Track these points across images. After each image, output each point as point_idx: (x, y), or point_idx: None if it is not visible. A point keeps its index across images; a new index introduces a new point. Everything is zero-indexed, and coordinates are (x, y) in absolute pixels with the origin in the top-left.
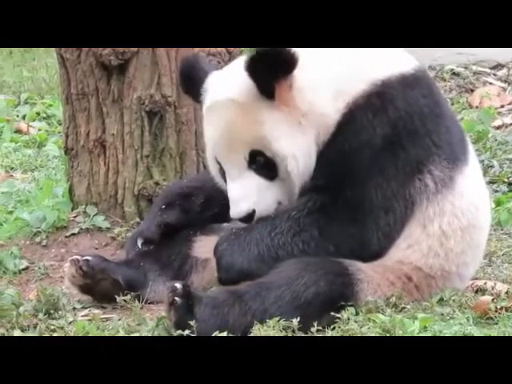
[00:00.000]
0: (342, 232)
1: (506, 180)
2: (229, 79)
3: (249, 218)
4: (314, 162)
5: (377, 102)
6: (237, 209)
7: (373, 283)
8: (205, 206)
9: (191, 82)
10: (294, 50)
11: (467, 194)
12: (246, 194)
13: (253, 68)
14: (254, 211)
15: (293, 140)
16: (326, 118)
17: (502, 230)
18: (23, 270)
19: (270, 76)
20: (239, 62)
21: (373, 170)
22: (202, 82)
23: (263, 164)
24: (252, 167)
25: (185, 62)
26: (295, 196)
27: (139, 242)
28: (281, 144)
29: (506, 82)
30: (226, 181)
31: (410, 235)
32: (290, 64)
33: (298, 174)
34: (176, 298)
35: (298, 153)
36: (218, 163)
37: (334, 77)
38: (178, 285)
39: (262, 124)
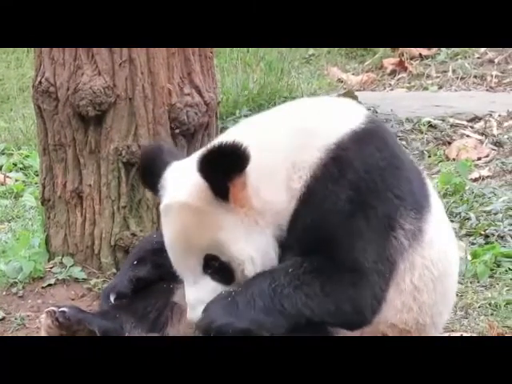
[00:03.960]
0: (342, 293)
1: (482, 232)
2: (183, 178)
3: None
4: (274, 256)
5: (334, 170)
6: (193, 314)
7: None
8: None
9: (150, 177)
10: (244, 144)
11: (435, 243)
12: (202, 300)
13: (206, 169)
14: None
15: (250, 243)
16: (283, 204)
17: (478, 282)
18: None
19: (224, 176)
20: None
21: (351, 235)
22: (161, 176)
23: (218, 268)
24: (207, 272)
25: (145, 153)
26: None
27: (112, 298)
28: (237, 249)
29: (482, 134)
30: None
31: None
32: (243, 160)
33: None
34: None
35: (256, 255)
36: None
37: (285, 156)
38: None
39: (218, 228)
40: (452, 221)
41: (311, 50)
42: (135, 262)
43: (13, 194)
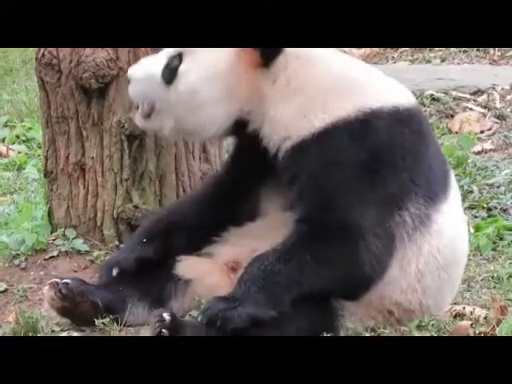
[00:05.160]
0: (334, 256)
1: (485, 205)
2: None
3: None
4: (220, 126)
5: (356, 128)
6: (132, 69)
7: (356, 317)
8: (186, 243)
9: None
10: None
11: (446, 233)
12: (144, 66)
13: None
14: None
15: (208, 81)
16: (287, 121)
17: (480, 255)
18: (2, 292)
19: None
20: None
21: (352, 196)
22: None
23: (175, 67)
24: (168, 61)
25: None
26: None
27: (114, 272)
28: (196, 71)
29: (485, 107)
30: None
31: (390, 272)
32: (268, 55)
33: (184, 101)
34: (163, 330)
35: (201, 92)
36: None
37: (320, 92)
38: (166, 315)
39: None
40: None
41: None
42: (144, 240)
43: (15, 166)
